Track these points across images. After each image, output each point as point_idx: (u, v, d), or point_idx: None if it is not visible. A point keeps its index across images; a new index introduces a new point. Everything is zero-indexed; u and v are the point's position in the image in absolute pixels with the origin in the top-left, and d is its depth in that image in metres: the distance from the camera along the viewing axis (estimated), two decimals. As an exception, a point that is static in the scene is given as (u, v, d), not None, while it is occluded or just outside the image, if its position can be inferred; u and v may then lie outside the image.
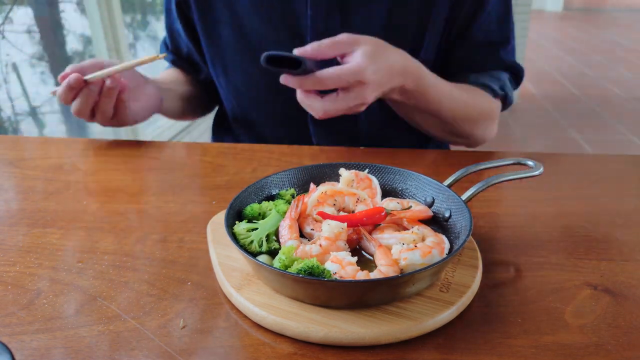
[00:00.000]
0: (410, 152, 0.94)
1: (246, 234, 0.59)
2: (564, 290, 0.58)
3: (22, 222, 0.70)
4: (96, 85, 0.87)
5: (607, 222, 0.72)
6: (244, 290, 0.55)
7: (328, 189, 0.65)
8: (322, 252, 0.56)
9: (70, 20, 2.48)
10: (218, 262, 0.59)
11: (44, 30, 2.38)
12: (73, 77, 0.85)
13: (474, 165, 0.70)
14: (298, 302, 0.53)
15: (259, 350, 0.50)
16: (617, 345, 0.51)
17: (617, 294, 0.58)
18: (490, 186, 0.65)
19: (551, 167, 0.89)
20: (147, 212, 0.73)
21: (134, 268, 0.61)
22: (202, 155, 0.91)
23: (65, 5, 2.47)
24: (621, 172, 0.88)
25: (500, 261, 0.63)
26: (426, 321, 0.51)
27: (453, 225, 0.62)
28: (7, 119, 2.54)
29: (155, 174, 0.84)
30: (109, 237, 0.67)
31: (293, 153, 0.92)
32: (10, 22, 2.29)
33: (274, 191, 0.69)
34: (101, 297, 0.56)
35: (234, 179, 0.83)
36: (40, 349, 0.49)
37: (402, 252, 0.55)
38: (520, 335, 0.52)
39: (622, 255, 0.65)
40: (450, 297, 0.54)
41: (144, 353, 0.49)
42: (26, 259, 0.62)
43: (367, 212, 0.61)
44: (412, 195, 0.69)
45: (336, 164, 0.71)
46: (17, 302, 0.55)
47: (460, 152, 0.94)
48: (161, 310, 0.54)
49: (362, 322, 0.50)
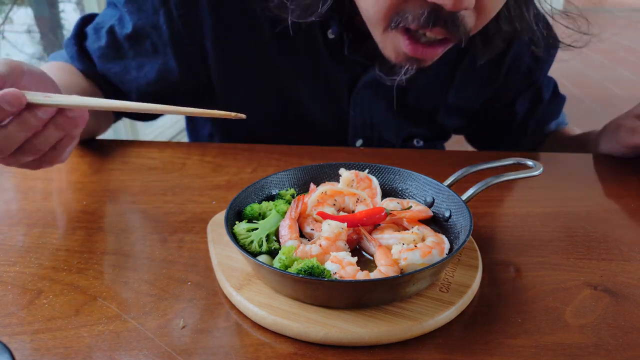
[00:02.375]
0: (411, 152, 0.94)
1: (246, 234, 0.59)
2: (564, 290, 0.58)
3: (22, 222, 0.70)
4: (44, 112, 0.59)
5: (607, 222, 0.72)
6: (244, 290, 0.55)
7: (328, 189, 0.65)
8: (322, 252, 0.56)
9: (70, 20, 2.48)
10: (218, 262, 0.59)
11: (44, 30, 2.38)
12: (10, 94, 0.56)
13: (474, 165, 0.70)
14: (298, 302, 0.53)
15: (259, 350, 0.50)
16: (617, 345, 0.51)
17: (617, 294, 0.58)
18: (490, 186, 0.65)
19: (551, 167, 0.89)
20: (147, 212, 0.73)
21: (134, 268, 0.61)
22: (202, 155, 0.91)
23: (65, 5, 2.47)
24: (621, 172, 0.88)
25: (500, 261, 0.63)
26: (426, 321, 0.51)
27: (453, 225, 0.62)
28: (7, 119, 2.54)
29: (155, 174, 0.84)
30: (109, 237, 0.67)
31: (293, 153, 0.92)
32: (10, 22, 2.29)
33: (274, 191, 0.69)
34: (101, 297, 0.56)
35: (234, 179, 0.83)
36: (41, 349, 0.49)
37: (402, 252, 0.55)
38: (520, 335, 0.52)
39: (622, 255, 0.65)
40: (450, 297, 0.54)
41: (144, 353, 0.49)
42: (26, 259, 0.62)
43: (367, 212, 0.61)
44: (412, 195, 0.69)
45: (336, 164, 0.71)
46: (17, 302, 0.55)
47: (460, 152, 0.94)
48: (161, 310, 0.54)
49: (362, 322, 0.50)
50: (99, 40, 0.92)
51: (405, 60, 0.74)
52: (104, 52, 0.92)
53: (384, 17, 0.70)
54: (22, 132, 0.59)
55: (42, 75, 0.66)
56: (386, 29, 0.71)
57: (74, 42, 0.94)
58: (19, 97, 0.57)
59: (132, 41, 0.91)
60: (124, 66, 0.93)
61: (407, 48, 0.71)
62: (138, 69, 0.93)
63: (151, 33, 0.89)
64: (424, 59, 0.74)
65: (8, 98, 0.56)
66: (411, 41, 0.70)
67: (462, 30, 0.69)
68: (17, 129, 0.59)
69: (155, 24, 0.88)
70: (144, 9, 0.88)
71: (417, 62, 0.75)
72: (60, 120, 0.61)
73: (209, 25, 0.88)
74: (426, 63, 0.76)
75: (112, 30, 0.91)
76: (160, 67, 0.92)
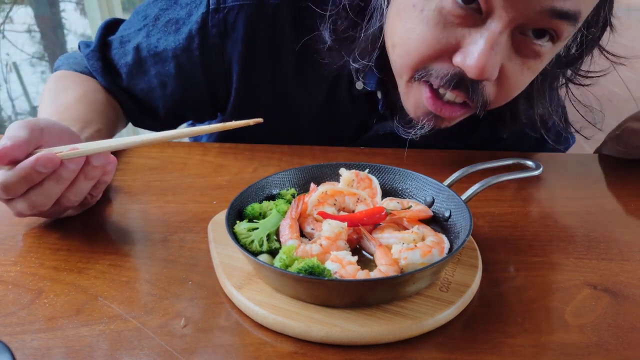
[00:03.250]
0: (411, 152, 0.94)
1: (247, 234, 0.59)
2: (564, 290, 0.58)
3: (22, 222, 0.70)
4: (76, 163, 0.61)
5: (607, 222, 0.73)
6: (245, 290, 0.55)
7: (328, 188, 0.65)
8: (323, 251, 0.56)
9: (70, 20, 2.49)
10: (219, 261, 0.59)
11: (45, 30, 2.38)
12: (45, 158, 0.58)
13: (474, 165, 0.70)
14: (299, 302, 0.53)
15: (259, 349, 0.50)
16: (617, 345, 0.51)
17: (617, 293, 0.58)
18: (490, 186, 0.65)
19: (551, 167, 0.89)
20: (147, 211, 0.73)
21: (134, 268, 0.61)
22: (203, 155, 0.91)
23: (66, 4, 2.47)
24: (621, 172, 0.88)
25: (500, 261, 0.63)
26: (426, 320, 0.51)
27: (453, 225, 0.62)
28: (8, 118, 2.54)
29: (155, 174, 0.84)
30: (110, 236, 0.67)
31: (294, 153, 0.93)
32: (10, 21, 2.30)
33: (274, 191, 0.69)
34: (102, 296, 0.56)
35: (235, 179, 0.83)
36: (41, 348, 0.49)
37: (402, 251, 0.55)
38: (520, 334, 0.52)
39: (622, 255, 0.65)
40: (450, 297, 0.54)
41: (145, 352, 0.49)
42: (27, 259, 0.62)
43: (367, 212, 0.61)
44: (412, 195, 0.69)
45: (336, 164, 0.71)
46: (17, 302, 0.55)
47: (460, 152, 0.94)
48: (162, 309, 0.54)
49: (362, 321, 0.51)
50: (126, 55, 0.93)
51: (424, 115, 0.75)
52: (131, 69, 0.93)
53: (411, 68, 0.71)
54: (57, 187, 0.61)
55: (60, 127, 0.67)
56: (410, 80, 0.73)
57: (99, 56, 0.93)
58: (52, 158, 0.58)
59: (158, 60, 0.91)
60: (147, 83, 0.94)
61: (428, 101, 0.72)
62: (162, 87, 0.93)
63: (181, 56, 0.90)
64: (442, 117, 0.74)
65: (42, 161, 0.57)
66: (432, 95, 0.71)
67: (481, 99, 0.70)
68: (54, 185, 0.60)
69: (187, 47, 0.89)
70: (180, 31, 0.89)
71: (435, 120, 0.75)
72: (88, 169, 0.62)
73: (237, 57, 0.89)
74: (443, 123, 0.76)
75: (139, 48, 0.92)
76: (186, 86, 0.93)
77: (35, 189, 0.60)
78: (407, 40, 0.70)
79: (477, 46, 0.64)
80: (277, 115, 0.95)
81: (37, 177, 0.59)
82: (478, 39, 0.64)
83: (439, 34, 0.66)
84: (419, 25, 0.68)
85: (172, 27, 0.90)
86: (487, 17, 0.64)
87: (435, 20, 0.66)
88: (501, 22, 0.63)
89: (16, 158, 0.59)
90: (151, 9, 0.93)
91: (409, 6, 0.69)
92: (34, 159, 0.57)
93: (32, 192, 0.60)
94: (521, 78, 0.71)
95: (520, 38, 0.66)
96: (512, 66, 0.68)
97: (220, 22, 0.87)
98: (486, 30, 0.64)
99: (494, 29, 0.63)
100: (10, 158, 0.58)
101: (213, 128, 0.59)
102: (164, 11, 0.91)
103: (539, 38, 0.66)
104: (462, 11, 0.64)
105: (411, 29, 0.69)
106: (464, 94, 0.70)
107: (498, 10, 0.62)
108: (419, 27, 0.68)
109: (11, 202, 0.62)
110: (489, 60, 0.63)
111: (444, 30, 0.66)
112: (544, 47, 0.67)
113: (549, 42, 0.67)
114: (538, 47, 0.67)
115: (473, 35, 0.65)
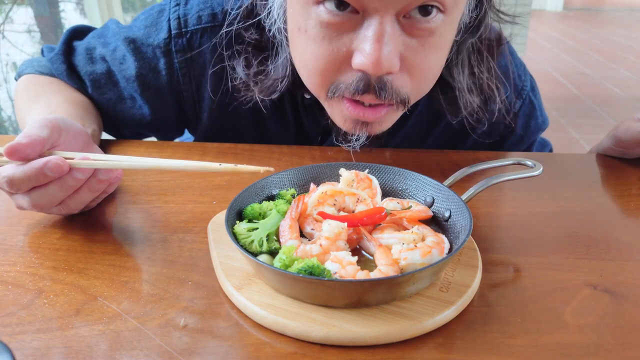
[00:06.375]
0: (410, 152, 0.94)
1: (247, 234, 0.59)
2: (564, 290, 0.58)
3: (22, 222, 0.70)
4: (83, 173, 0.62)
5: (607, 222, 0.72)
6: (245, 290, 0.55)
7: (328, 189, 0.65)
8: (323, 251, 0.56)
9: (70, 20, 2.49)
10: (219, 261, 0.59)
11: (44, 30, 2.38)
12: (54, 163, 0.59)
13: (474, 165, 0.70)
14: (298, 302, 0.53)
15: (259, 350, 0.50)
16: (617, 345, 0.51)
17: (617, 294, 0.58)
18: (490, 186, 0.65)
19: (551, 167, 0.89)
20: (147, 212, 0.73)
21: (134, 268, 0.61)
22: (202, 155, 0.91)
23: (66, 4, 2.47)
24: (621, 172, 0.88)
25: (500, 261, 0.63)
26: (426, 321, 0.51)
27: (453, 225, 0.62)
28: (7, 118, 2.54)
29: (155, 174, 0.84)
30: (110, 236, 0.67)
31: (293, 153, 0.92)
32: (10, 21, 2.30)
33: (274, 191, 0.69)
34: (102, 296, 0.56)
35: (235, 179, 0.83)
36: (41, 348, 0.49)
37: (402, 251, 0.55)
38: (520, 335, 0.52)
39: (622, 255, 0.65)
40: (450, 297, 0.54)
41: (145, 353, 0.49)
42: (27, 259, 0.62)
43: (367, 212, 0.61)
44: (412, 195, 0.69)
45: (336, 164, 0.71)
46: (17, 302, 0.55)
47: (460, 152, 0.94)
48: (162, 309, 0.54)
49: (362, 321, 0.50)
50: (92, 64, 0.94)
51: (353, 125, 0.74)
52: (97, 78, 0.94)
53: (320, 87, 0.72)
54: (60, 192, 0.62)
55: (77, 129, 0.70)
56: (326, 98, 0.73)
57: (63, 59, 0.95)
58: (61, 165, 0.60)
59: (130, 79, 0.93)
60: (118, 94, 0.95)
61: (349, 110, 0.72)
62: (132, 100, 0.95)
63: (148, 75, 0.92)
64: (370, 122, 0.74)
65: (51, 166, 0.59)
66: (352, 103, 0.71)
67: (395, 95, 0.69)
68: (57, 190, 0.62)
69: (154, 67, 0.91)
70: (145, 53, 0.91)
71: (366, 127, 0.75)
72: (94, 182, 0.64)
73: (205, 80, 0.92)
74: (374, 128, 0.75)
75: (106, 59, 0.93)
76: (156, 106, 0.95)
77: (38, 190, 0.62)
78: (305, 63, 0.71)
79: (367, 43, 0.64)
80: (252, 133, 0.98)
81: (43, 179, 0.60)
82: (364, 37, 0.64)
83: (328, 46, 0.67)
84: (308, 46, 0.68)
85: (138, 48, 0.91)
86: (365, 14, 0.64)
87: (320, 36, 0.66)
88: (378, 13, 0.63)
89: (28, 156, 0.61)
90: (122, 26, 0.95)
91: (295, 31, 0.70)
92: (43, 161, 0.59)
93: (35, 192, 0.62)
94: (427, 58, 0.69)
95: (407, 22, 0.65)
96: (412, 50, 0.67)
97: (185, 47, 0.89)
98: (368, 26, 0.64)
99: (375, 22, 0.63)
100: (23, 155, 0.60)
101: (224, 169, 0.61)
102: (130, 29, 0.93)
103: (426, 15, 0.65)
104: (340, 17, 0.64)
105: (304, 51, 0.70)
106: (374, 96, 0.69)
107: (371, 4, 0.62)
108: (309, 47, 0.68)
109: (14, 195, 0.65)
110: (381, 52, 0.63)
111: (331, 42, 0.66)
112: (435, 21, 0.66)
113: (439, 14, 0.66)
114: (427, 23, 0.66)
115: (360, 36, 0.65)
